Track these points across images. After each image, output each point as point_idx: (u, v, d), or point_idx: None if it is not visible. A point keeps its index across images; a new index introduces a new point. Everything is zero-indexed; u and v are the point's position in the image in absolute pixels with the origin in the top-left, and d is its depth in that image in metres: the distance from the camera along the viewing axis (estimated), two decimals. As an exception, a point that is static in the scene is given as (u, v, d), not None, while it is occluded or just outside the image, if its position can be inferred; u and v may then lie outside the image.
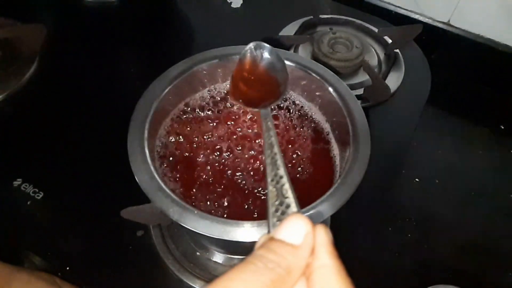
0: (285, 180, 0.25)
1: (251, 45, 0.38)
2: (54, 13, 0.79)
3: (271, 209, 0.23)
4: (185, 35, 0.75)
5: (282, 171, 0.25)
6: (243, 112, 0.46)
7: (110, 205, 0.43)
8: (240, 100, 0.38)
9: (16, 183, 0.51)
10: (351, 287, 0.19)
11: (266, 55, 0.38)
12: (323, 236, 0.20)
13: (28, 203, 0.50)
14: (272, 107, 0.43)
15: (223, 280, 0.18)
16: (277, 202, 0.23)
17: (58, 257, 0.47)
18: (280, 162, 0.26)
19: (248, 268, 0.18)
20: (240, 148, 0.43)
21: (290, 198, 0.24)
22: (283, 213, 0.23)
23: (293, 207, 0.23)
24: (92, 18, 0.77)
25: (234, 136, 0.44)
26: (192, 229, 0.32)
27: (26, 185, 0.51)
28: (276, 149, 0.27)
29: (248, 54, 0.38)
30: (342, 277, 0.19)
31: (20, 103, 0.62)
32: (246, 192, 0.40)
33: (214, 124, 0.45)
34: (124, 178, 0.35)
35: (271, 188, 0.24)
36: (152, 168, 0.36)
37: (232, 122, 0.45)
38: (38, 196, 0.51)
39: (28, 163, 0.55)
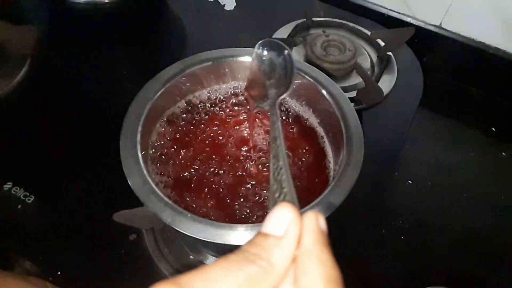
0: (283, 171, 0.24)
1: (257, 45, 0.37)
2: (45, 14, 0.78)
3: (271, 203, 0.22)
4: (178, 38, 0.75)
5: (281, 162, 0.25)
6: (236, 114, 0.46)
7: (102, 208, 0.43)
8: (252, 100, 0.38)
9: (7, 186, 0.51)
10: (335, 275, 0.18)
11: (265, 52, 0.37)
12: (311, 222, 0.19)
13: (19, 207, 0.49)
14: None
15: (205, 267, 0.18)
16: (276, 195, 0.22)
17: (49, 262, 0.46)
18: (281, 153, 0.25)
19: (230, 259, 0.18)
20: (234, 150, 0.43)
21: (286, 188, 0.22)
22: None
23: (288, 197, 0.22)
24: (84, 20, 0.76)
25: (229, 138, 0.44)
26: (185, 233, 0.32)
27: (16, 189, 0.51)
28: (278, 142, 0.27)
29: (254, 55, 0.38)
30: (323, 264, 0.18)
31: (11, 106, 0.61)
32: (240, 194, 0.40)
33: (208, 126, 0.45)
34: (116, 182, 0.35)
35: (272, 182, 0.23)
36: (145, 171, 0.35)
37: (226, 125, 0.45)
38: (29, 200, 0.50)
39: (19, 167, 0.54)
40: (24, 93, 0.63)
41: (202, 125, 0.45)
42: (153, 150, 0.42)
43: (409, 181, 0.56)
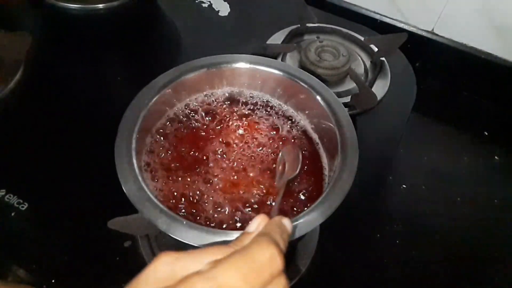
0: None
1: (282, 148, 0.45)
2: (39, 20, 0.78)
3: None
4: (173, 43, 0.75)
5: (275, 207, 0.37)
6: (231, 122, 0.46)
7: (97, 215, 0.43)
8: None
9: (0, 194, 0.50)
10: (266, 243, 0.24)
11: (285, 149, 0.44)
12: (273, 221, 0.28)
13: (12, 214, 0.49)
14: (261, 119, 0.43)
15: (197, 249, 0.25)
16: None
17: (43, 270, 0.46)
18: (277, 205, 0.38)
19: (215, 246, 0.25)
20: (227, 157, 0.43)
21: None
22: None
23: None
24: (78, 26, 0.76)
25: (223, 145, 0.44)
26: (181, 240, 0.32)
27: (10, 196, 0.50)
28: (277, 201, 0.39)
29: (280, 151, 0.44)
30: (261, 235, 0.25)
31: (4, 113, 0.60)
32: (234, 201, 0.40)
33: (203, 132, 0.45)
34: (111, 188, 0.35)
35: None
36: (140, 178, 0.35)
37: (221, 131, 0.45)
38: (22, 207, 0.49)
39: (12, 174, 0.54)
40: (18, 99, 0.62)
41: (197, 131, 0.45)
42: (148, 157, 0.42)
43: (404, 186, 0.57)
